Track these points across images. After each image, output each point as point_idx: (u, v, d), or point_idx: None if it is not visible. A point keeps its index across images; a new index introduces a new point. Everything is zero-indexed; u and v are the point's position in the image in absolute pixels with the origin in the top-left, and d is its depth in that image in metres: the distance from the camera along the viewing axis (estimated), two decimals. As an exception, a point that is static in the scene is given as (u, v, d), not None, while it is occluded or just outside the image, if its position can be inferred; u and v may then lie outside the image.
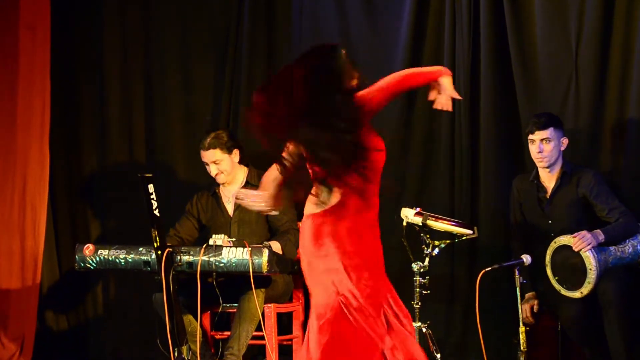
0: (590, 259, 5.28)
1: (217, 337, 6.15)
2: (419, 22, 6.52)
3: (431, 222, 5.61)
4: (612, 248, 5.38)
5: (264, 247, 5.58)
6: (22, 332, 6.78)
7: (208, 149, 6.10)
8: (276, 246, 5.83)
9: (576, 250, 5.35)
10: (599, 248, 5.33)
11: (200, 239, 6.09)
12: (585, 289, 5.31)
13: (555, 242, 5.42)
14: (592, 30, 6.01)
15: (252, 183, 6.14)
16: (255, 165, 6.19)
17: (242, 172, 6.18)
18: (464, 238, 5.73)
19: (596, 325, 5.38)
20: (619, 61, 5.98)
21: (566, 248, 5.38)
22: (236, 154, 6.13)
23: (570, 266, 5.37)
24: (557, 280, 5.43)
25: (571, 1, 6.10)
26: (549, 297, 5.59)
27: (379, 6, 6.67)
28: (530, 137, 5.68)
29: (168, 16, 7.18)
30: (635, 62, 5.90)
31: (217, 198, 6.22)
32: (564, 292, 5.40)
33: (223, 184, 6.18)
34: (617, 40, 5.98)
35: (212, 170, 6.12)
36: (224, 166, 6.11)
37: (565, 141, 5.72)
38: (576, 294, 5.35)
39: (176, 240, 6.11)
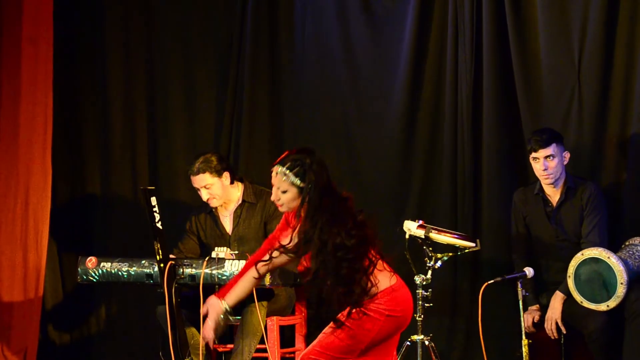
0: (622, 274, 5.23)
1: (220, 350, 6.14)
2: (421, 35, 6.52)
3: (434, 235, 5.61)
4: (629, 262, 5.35)
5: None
6: (24, 345, 6.78)
7: (197, 173, 6.04)
8: None
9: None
10: (624, 262, 5.29)
11: (204, 255, 6.07)
12: (613, 302, 5.26)
13: (582, 254, 5.36)
14: (595, 44, 6.02)
15: (248, 201, 6.12)
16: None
17: (236, 190, 6.15)
18: (466, 251, 5.74)
19: (617, 339, 5.37)
20: (621, 74, 5.98)
21: (593, 261, 5.33)
22: (226, 177, 6.08)
23: (597, 279, 5.32)
24: (579, 292, 5.38)
25: (574, 15, 6.10)
26: (565, 310, 5.56)
27: (381, 20, 6.68)
28: (534, 155, 5.67)
29: (171, 31, 7.19)
30: (638, 75, 5.90)
31: (215, 217, 6.20)
32: (586, 304, 5.35)
33: (217, 207, 6.16)
34: (619, 54, 5.98)
35: (204, 195, 6.07)
36: (214, 190, 6.06)
37: (567, 155, 5.72)
38: (601, 307, 5.31)
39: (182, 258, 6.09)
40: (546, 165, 5.65)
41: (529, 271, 5.44)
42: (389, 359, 4.47)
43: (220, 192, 6.08)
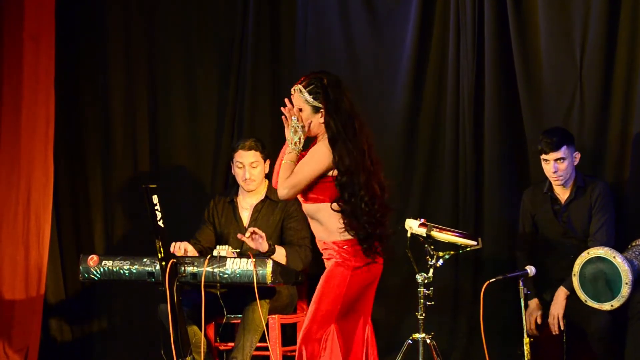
0: (627, 274, 5.23)
1: (221, 348, 6.15)
2: (423, 34, 6.53)
3: (435, 233, 5.59)
4: (635, 262, 5.35)
5: (267, 257, 5.58)
6: (26, 343, 6.78)
7: (250, 149, 6.07)
8: (280, 252, 5.82)
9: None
10: (629, 262, 5.29)
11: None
12: (617, 302, 5.26)
13: (588, 253, 5.37)
14: (596, 42, 6.02)
15: (271, 198, 6.12)
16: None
17: (263, 186, 6.17)
18: (468, 249, 5.72)
19: (620, 339, 5.37)
20: (623, 73, 5.98)
21: (599, 260, 5.33)
22: (267, 165, 6.13)
23: (602, 278, 5.32)
24: (584, 291, 5.37)
25: (575, 14, 6.10)
26: (569, 307, 5.56)
27: (383, 18, 6.68)
28: (544, 156, 5.66)
29: (172, 27, 7.19)
30: (639, 74, 5.91)
31: (234, 207, 6.20)
32: (590, 303, 5.35)
33: (250, 191, 6.14)
34: (621, 53, 5.98)
35: (247, 172, 6.07)
36: (257, 171, 6.09)
37: (578, 155, 5.71)
38: (605, 306, 5.31)
39: (198, 248, 6.10)
40: (556, 167, 5.64)
41: (531, 269, 5.43)
42: (363, 318, 4.61)
43: (260, 176, 6.11)
